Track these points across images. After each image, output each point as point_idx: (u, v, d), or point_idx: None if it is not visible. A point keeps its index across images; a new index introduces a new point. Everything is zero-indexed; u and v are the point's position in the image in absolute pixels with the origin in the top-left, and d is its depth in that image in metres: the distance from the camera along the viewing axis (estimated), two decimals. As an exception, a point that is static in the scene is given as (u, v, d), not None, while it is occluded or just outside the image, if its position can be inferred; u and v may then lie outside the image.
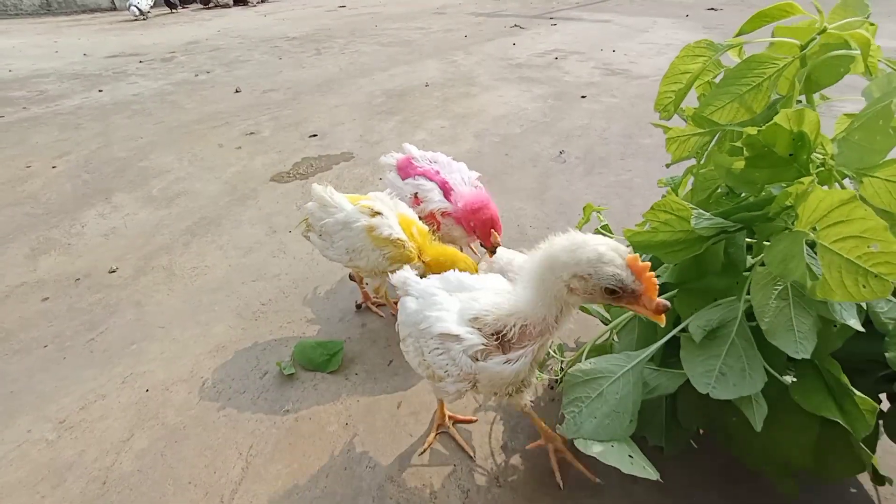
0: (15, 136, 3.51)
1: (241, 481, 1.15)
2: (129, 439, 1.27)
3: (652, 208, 0.95)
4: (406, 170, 1.78)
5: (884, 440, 0.94)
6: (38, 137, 3.46)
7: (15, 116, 3.93)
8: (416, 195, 1.71)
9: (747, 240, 0.96)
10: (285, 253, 2.03)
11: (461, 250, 1.95)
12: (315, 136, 3.29)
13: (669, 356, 1.02)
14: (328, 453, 1.21)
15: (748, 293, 0.87)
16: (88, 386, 1.43)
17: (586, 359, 1.05)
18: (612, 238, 1.30)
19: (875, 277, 0.66)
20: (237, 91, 4.38)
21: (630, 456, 0.86)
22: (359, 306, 1.71)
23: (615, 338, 1.18)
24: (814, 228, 0.73)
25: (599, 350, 1.18)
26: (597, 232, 1.46)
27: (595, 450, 0.86)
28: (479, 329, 0.91)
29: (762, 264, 0.85)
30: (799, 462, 0.92)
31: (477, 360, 0.90)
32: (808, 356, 0.74)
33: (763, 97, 1.01)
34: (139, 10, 9.02)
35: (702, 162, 1.11)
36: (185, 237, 2.19)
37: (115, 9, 10.46)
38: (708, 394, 0.83)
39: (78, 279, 1.92)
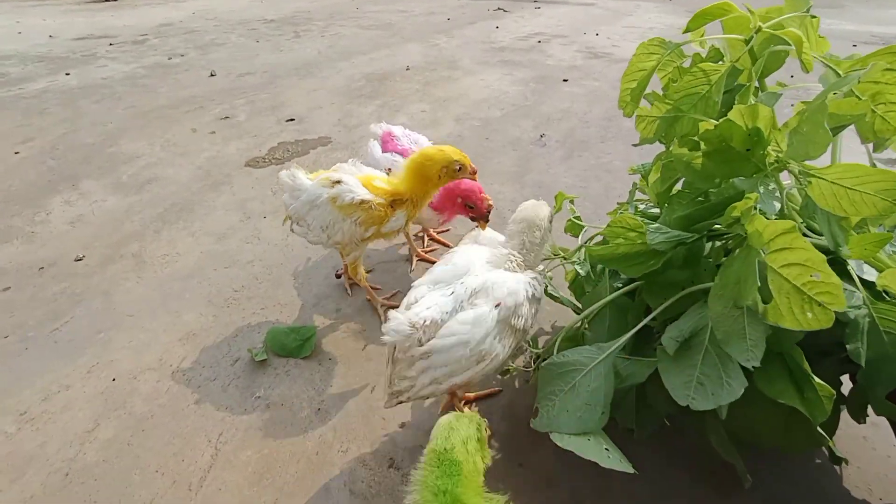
0: (-25, 121, 3.36)
1: (210, 468, 1.13)
2: (94, 429, 1.23)
3: (609, 225, 0.97)
4: (386, 144, 1.76)
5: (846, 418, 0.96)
6: (0, 123, 3.31)
7: (-25, 101, 3.75)
8: (389, 170, 1.69)
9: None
10: (259, 239, 1.99)
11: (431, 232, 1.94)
12: (292, 120, 3.21)
13: (640, 345, 1.03)
14: (300, 439, 1.20)
15: None
16: (52, 377, 1.38)
17: (559, 350, 1.04)
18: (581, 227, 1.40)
19: (819, 306, 0.68)
20: (212, 75, 4.24)
21: (606, 449, 0.86)
22: (338, 276, 1.72)
23: (586, 327, 1.17)
24: (763, 250, 0.74)
25: (572, 340, 1.17)
26: (569, 222, 1.48)
27: (571, 444, 0.86)
28: None
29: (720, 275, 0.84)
30: (768, 440, 0.94)
31: None
32: (757, 364, 0.75)
33: (712, 104, 1.01)
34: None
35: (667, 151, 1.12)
36: (156, 224, 2.12)
37: (83, -11, 10.00)
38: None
39: (42, 268, 1.85)
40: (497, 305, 1.02)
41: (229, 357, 1.43)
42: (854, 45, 4.32)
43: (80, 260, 1.89)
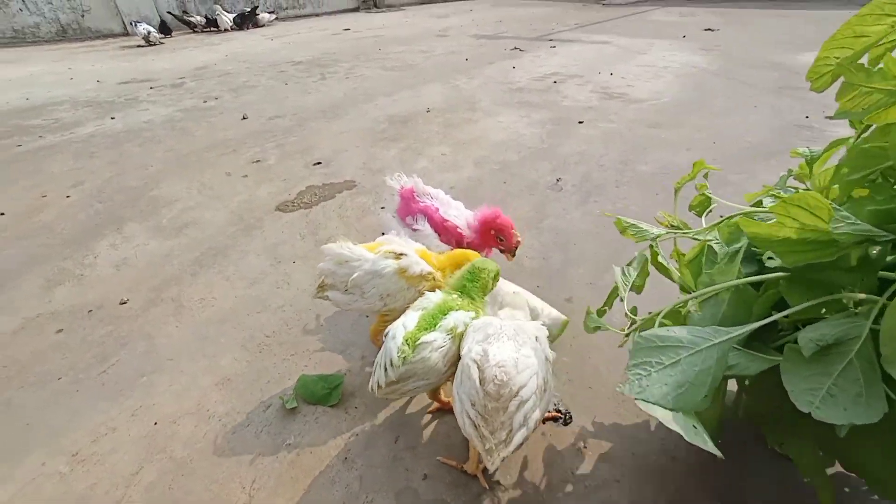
0: (31, 165, 3.65)
1: (245, 516, 1.20)
2: (139, 472, 1.33)
3: (784, 200, 0.83)
4: (408, 202, 1.85)
5: None
6: (54, 166, 3.59)
7: (31, 145, 4.08)
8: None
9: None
10: (289, 284, 2.11)
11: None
12: (319, 163, 3.39)
13: (752, 339, 0.95)
14: (327, 488, 1.26)
15: (881, 314, 0.77)
16: (100, 419, 1.49)
17: (660, 325, 1.00)
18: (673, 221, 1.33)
19: None
20: (244, 118, 4.52)
21: (694, 426, 0.82)
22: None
23: (692, 308, 1.10)
24: None
25: (672, 318, 1.11)
26: (696, 199, 1.36)
27: (658, 413, 0.83)
28: None
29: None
30: (878, 479, 0.88)
31: None
32: None
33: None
34: (147, 40, 9.28)
35: (866, 135, 0.94)
36: (194, 268, 2.27)
37: (126, 34, 10.79)
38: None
39: (90, 311, 2.00)
40: (536, 339, 1.13)
41: (262, 403, 1.52)
42: (871, 84, 4.34)
43: (124, 303, 2.04)
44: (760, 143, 3.30)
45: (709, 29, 7.81)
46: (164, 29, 10.29)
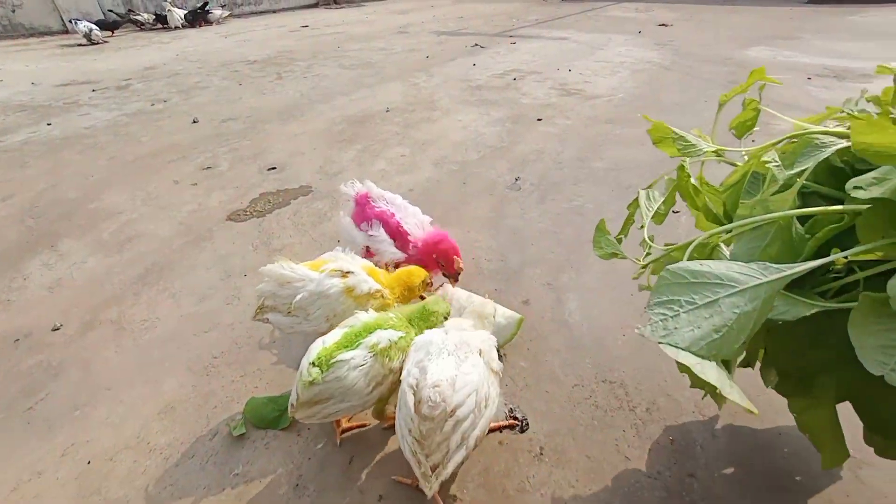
0: (-46, 178, 3.36)
1: (187, 556, 1.13)
2: (69, 518, 1.23)
3: None
4: (363, 207, 1.80)
5: None
6: (-20, 179, 3.31)
7: (-45, 156, 3.76)
8: (367, 248, 1.74)
9: None
10: (239, 299, 2.01)
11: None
12: (273, 168, 3.27)
13: (794, 283, 0.83)
14: (277, 518, 1.20)
15: None
16: (24, 462, 1.37)
17: (689, 259, 0.87)
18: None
19: None
20: (195, 121, 4.31)
21: (729, 380, 0.73)
22: None
23: (723, 245, 0.97)
24: None
25: (696, 253, 0.98)
26: (742, 116, 1.15)
27: (690, 360, 0.72)
28: None
29: None
30: None
31: None
32: None
33: None
34: (89, 38, 8.74)
35: None
36: (136, 286, 2.13)
37: (66, 32, 10.14)
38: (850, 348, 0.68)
39: (17, 339, 1.84)
40: (480, 352, 1.11)
41: (208, 431, 1.44)
42: (809, 78, 4.55)
43: (57, 329, 1.89)
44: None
45: (663, 24, 8.02)
46: (108, 26, 9.72)
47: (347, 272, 1.34)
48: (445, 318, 1.33)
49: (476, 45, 7.09)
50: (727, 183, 1.09)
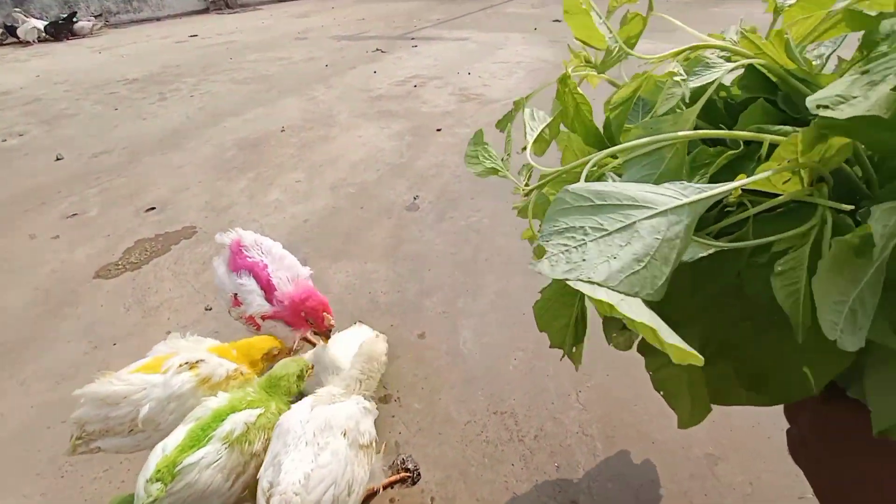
0: None
1: None
2: None
3: None
4: (234, 257, 1.69)
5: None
6: None
7: None
8: (235, 295, 1.63)
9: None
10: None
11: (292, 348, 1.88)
12: (153, 209, 2.98)
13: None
14: None
15: None
16: None
17: (588, 179, 0.72)
18: None
19: None
20: (58, 158, 3.82)
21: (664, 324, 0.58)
22: None
23: (609, 174, 0.82)
24: None
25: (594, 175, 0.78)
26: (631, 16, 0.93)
27: (614, 299, 0.55)
28: None
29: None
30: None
31: None
32: None
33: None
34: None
35: None
36: (-24, 376, 1.83)
37: None
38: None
39: None
40: (344, 433, 1.06)
41: (60, 549, 1.26)
42: (683, 70, 4.97)
43: None
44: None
45: (557, 20, 8.38)
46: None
47: (196, 362, 1.21)
48: (301, 377, 1.28)
49: (377, 49, 6.96)
50: (617, 99, 0.93)
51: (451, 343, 1.83)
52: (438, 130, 3.86)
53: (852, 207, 0.61)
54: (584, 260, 0.59)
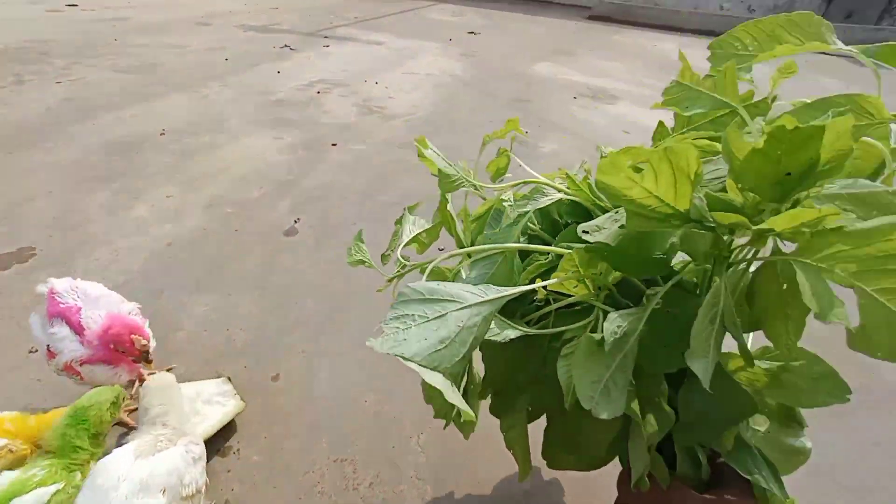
0: None
1: None
2: None
3: (664, 149, 0.66)
4: (48, 306, 1.55)
5: None
6: None
7: None
8: (48, 347, 1.50)
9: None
10: None
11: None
12: (-17, 224, 2.60)
13: (509, 311, 0.96)
14: None
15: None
16: None
17: (428, 279, 0.97)
18: None
19: None
20: None
21: (452, 386, 0.78)
22: None
23: (463, 269, 1.07)
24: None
25: (438, 275, 1.11)
26: (501, 153, 1.34)
27: (418, 368, 0.76)
28: None
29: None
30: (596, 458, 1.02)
31: None
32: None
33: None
34: None
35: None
36: None
37: None
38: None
39: None
40: (163, 492, 1.03)
41: None
42: (574, 98, 5.36)
43: None
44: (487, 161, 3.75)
45: (472, 32, 8.59)
46: None
47: None
48: (115, 404, 1.24)
49: (286, 46, 6.65)
50: (475, 214, 1.26)
51: (304, 386, 1.82)
52: (334, 145, 3.79)
53: (614, 310, 0.83)
54: (405, 339, 0.78)
